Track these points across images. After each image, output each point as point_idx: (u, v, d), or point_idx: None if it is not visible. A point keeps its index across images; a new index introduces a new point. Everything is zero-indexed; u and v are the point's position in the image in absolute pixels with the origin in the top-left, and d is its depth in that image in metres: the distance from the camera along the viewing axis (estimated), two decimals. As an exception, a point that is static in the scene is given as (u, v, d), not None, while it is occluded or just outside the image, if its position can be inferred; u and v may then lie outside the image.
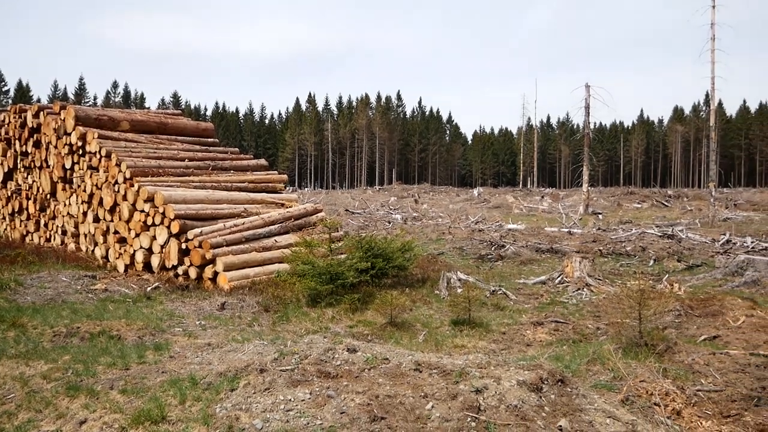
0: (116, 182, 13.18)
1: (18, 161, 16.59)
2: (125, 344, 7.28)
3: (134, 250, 12.74)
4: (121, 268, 12.93)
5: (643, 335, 6.82)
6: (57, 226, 15.26)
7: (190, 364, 6.12)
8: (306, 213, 13.93)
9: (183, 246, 11.84)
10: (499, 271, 13.67)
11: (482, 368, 5.13)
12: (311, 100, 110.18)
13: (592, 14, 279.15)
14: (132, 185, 12.82)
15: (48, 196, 15.59)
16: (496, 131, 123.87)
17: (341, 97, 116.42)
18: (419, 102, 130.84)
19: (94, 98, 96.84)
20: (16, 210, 16.69)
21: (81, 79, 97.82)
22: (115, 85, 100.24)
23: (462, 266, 13.77)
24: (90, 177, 13.87)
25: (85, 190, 14.05)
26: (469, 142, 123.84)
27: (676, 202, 38.43)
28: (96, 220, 13.84)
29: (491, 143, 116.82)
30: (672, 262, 14.35)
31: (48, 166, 15.46)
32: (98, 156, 13.71)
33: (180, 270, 11.87)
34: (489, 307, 9.99)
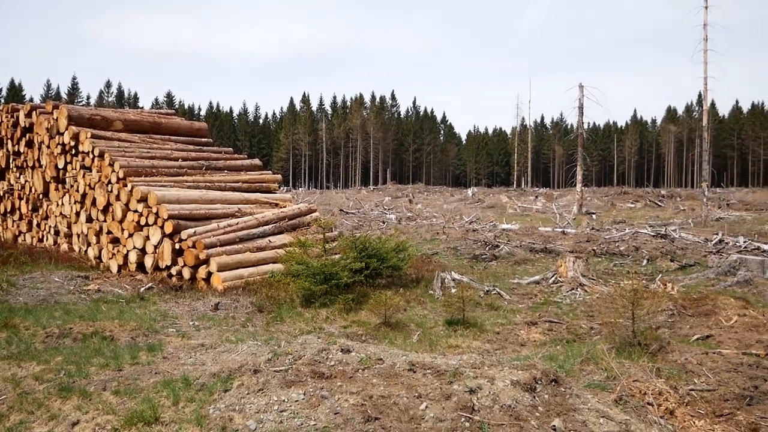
0: (109, 182, 13.12)
1: (10, 161, 16.51)
2: (118, 345, 7.25)
3: (127, 251, 12.70)
4: (114, 269, 12.87)
5: (637, 335, 6.84)
6: (50, 226, 15.19)
7: (183, 364, 6.10)
8: (300, 213, 13.91)
9: (176, 246, 11.80)
10: (494, 271, 13.69)
11: (476, 368, 5.13)
12: (305, 100, 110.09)
13: (586, 15, 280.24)
14: (125, 185, 12.77)
15: (40, 196, 15.51)
16: (491, 131, 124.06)
17: (335, 97, 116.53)
18: (413, 102, 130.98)
19: (87, 98, 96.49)
20: (8, 210, 16.61)
21: (74, 78, 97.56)
22: (109, 85, 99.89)
23: (456, 266, 13.78)
24: (83, 177, 13.81)
25: (78, 190, 13.99)
26: (464, 142, 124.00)
27: (669, 201, 38.57)
28: (89, 220, 13.78)
29: (485, 143, 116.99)
30: (665, 262, 14.40)
31: (40, 166, 15.38)
32: (91, 156, 13.65)
33: (173, 270, 11.83)
34: (483, 307, 10.00)
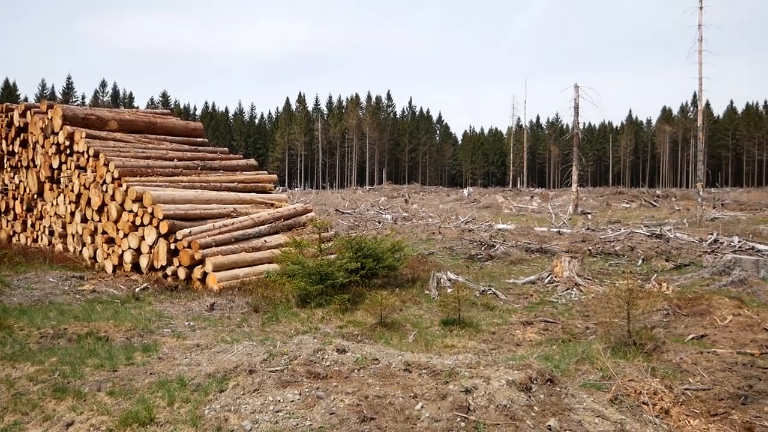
0: (104, 182, 13.08)
1: (4, 161, 16.43)
2: (113, 346, 7.22)
3: (122, 251, 12.66)
4: (109, 269, 12.84)
5: (632, 334, 6.85)
6: (44, 227, 15.14)
7: (178, 365, 6.09)
8: (296, 213, 13.89)
9: (172, 246, 11.77)
10: (489, 271, 13.70)
11: (472, 368, 5.14)
12: (301, 99, 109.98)
13: (581, 15, 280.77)
14: (120, 185, 12.73)
15: (35, 196, 15.45)
16: (486, 131, 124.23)
17: (331, 97, 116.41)
18: (409, 102, 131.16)
19: (82, 98, 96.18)
20: (2, 210, 16.54)
21: (69, 78, 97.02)
22: (104, 85, 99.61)
23: (452, 266, 13.79)
24: (78, 177, 13.77)
25: (72, 190, 13.94)
26: (459, 142, 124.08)
27: (665, 201, 38.69)
28: (84, 220, 13.74)
29: (481, 143, 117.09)
30: (660, 262, 14.44)
31: (35, 166, 15.32)
32: (86, 156, 13.61)
33: (169, 270, 11.80)
34: (479, 307, 10.01)
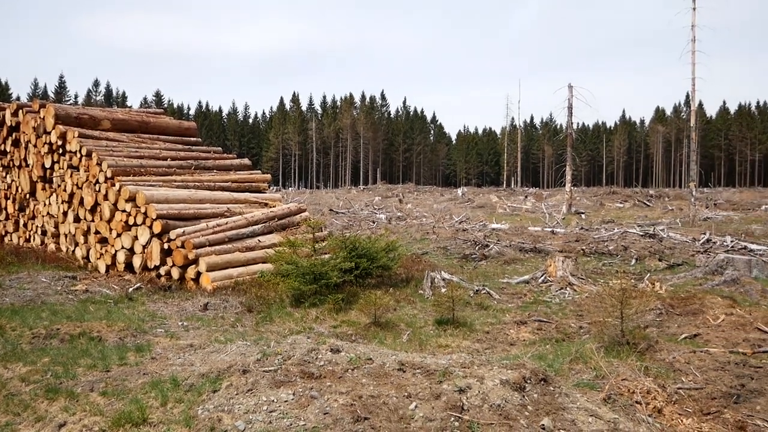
0: (97, 182, 13.02)
1: (-4, 160, 16.34)
2: (106, 346, 7.19)
3: (115, 251, 12.61)
4: (102, 269, 12.78)
5: (625, 334, 6.87)
6: (37, 226, 15.06)
7: (171, 365, 6.07)
8: (290, 213, 13.87)
9: (165, 246, 11.73)
10: (483, 271, 13.71)
11: (466, 368, 5.14)
12: (295, 99, 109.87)
13: (575, 15, 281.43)
14: (113, 185, 12.68)
15: (27, 196, 15.37)
16: (480, 131, 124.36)
17: (325, 97, 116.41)
18: (404, 102, 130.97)
19: (75, 97, 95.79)
20: (-6, 210, 16.44)
21: (61, 77, 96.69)
22: (97, 84, 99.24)
23: (446, 266, 13.80)
24: (70, 176, 13.70)
25: (65, 190, 13.88)
26: (454, 142, 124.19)
27: (658, 201, 38.84)
28: (76, 220, 13.67)
29: (475, 143, 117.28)
30: (653, 261, 14.49)
31: (27, 166, 15.24)
32: (79, 155, 13.54)
33: (162, 270, 11.76)
34: (473, 307, 10.02)
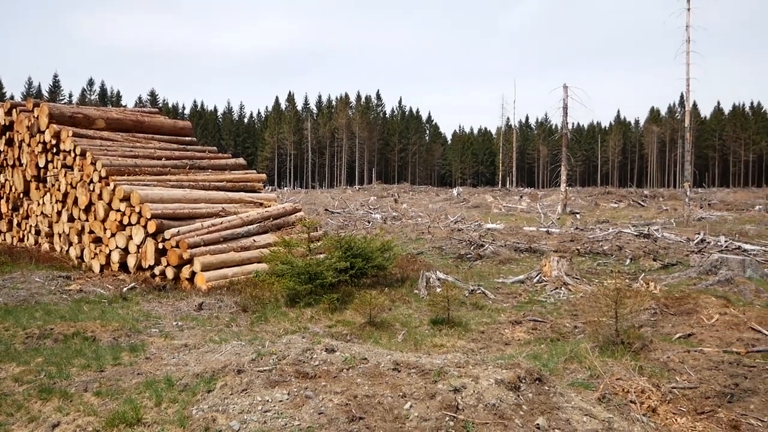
0: (91, 181, 12.98)
1: (-10, 159, 16.26)
2: (100, 346, 7.17)
3: (110, 250, 12.57)
4: (96, 269, 12.74)
5: (620, 333, 6.89)
6: (30, 226, 14.99)
7: (166, 365, 6.05)
8: (285, 212, 13.85)
9: (160, 246, 11.70)
10: (478, 271, 13.73)
11: (461, 367, 5.14)
12: (291, 99, 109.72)
13: (570, 15, 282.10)
14: (107, 184, 12.64)
15: (21, 195, 15.31)
16: (476, 131, 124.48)
17: (321, 97, 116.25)
18: (399, 102, 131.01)
19: (70, 96, 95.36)
20: (-13, 209, 16.36)
21: (56, 76, 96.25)
22: (91, 83, 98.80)
23: (441, 265, 13.81)
24: (64, 176, 13.65)
25: (59, 189, 13.82)
26: (449, 141, 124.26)
27: (652, 201, 38.96)
28: (71, 219, 13.62)
29: (471, 143, 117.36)
30: (648, 261, 14.53)
31: (21, 165, 15.18)
32: (73, 154, 13.49)
33: (157, 270, 11.73)
34: (468, 307, 10.03)
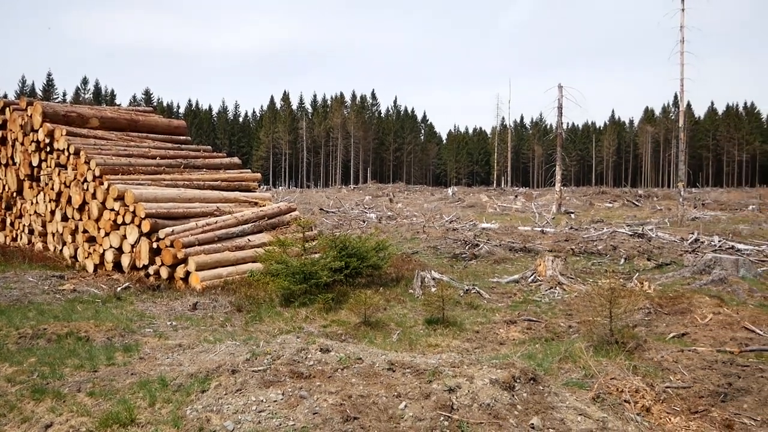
0: (85, 180, 12.92)
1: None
2: (94, 346, 7.13)
3: (104, 250, 12.52)
4: (90, 268, 12.68)
5: (614, 333, 6.90)
6: (24, 225, 14.93)
7: (160, 365, 6.03)
8: (280, 212, 13.83)
9: (154, 245, 11.66)
10: (473, 270, 13.74)
11: (455, 367, 5.14)
12: (286, 98, 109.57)
13: (565, 15, 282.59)
14: (101, 183, 12.59)
15: (14, 194, 15.23)
16: (471, 131, 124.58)
17: (316, 96, 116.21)
18: (394, 101, 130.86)
19: (63, 95, 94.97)
20: (-20, 208, 16.27)
21: (49, 75, 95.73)
22: (85, 82, 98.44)
23: (436, 265, 13.81)
24: (58, 175, 13.59)
25: (53, 188, 13.76)
26: (444, 141, 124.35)
27: (647, 201, 39.08)
28: (64, 218, 13.56)
29: (466, 143, 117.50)
30: (642, 261, 14.57)
31: (14, 164, 15.11)
32: (67, 153, 13.43)
33: (151, 270, 11.69)
34: (463, 306, 10.03)
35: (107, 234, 12.41)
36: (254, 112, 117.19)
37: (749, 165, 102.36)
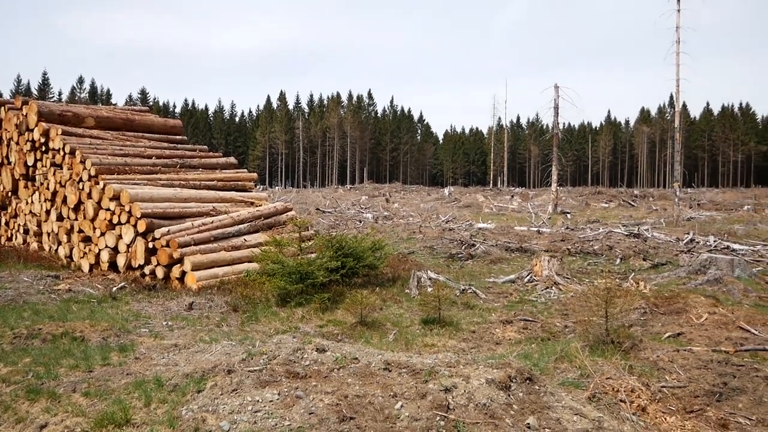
0: (81, 180, 12.89)
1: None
2: (89, 346, 7.11)
3: (99, 250, 12.48)
4: (85, 268, 12.65)
5: (610, 333, 6.91)
6: (19, 225, 14.87)
7: (155, 365, 6.01)
8: (276, 212, 13.81)
9: (150, 245, 11.63)
10: (469, 270, 13.74)
11: (451, 367, 5.14)
12: (282, 98, 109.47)
13: (562, 15, 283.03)
14: (97, 183, 12.55)
15: (9, 194, 15.18)
16: (467, 131, 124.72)
17: (312, 96, 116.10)
18: (391, 101, 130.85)
19: (59, 94, 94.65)
20: (-25, 208, 16.21)
21: (45, 74, 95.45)
22: (81, 81, 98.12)
23: (432, 265, 13.82)
24: (53, 174, 13.55)
25: (48, 188, 13.72)
26: (441, 141, 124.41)
27: (642, 201, 39.16)
28: (60, 218, 13.52)
29: (462, 143, 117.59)
30: (638, 261, 14.60)
31: (9, 163, 15.05)
32: (62, 153, 13.39)
33: (147, 269, 11.66)
34: (459, 306, 10.04)
35: (103, 234, 12.38)
36: (251, 111, 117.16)
37: (744, 165, 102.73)
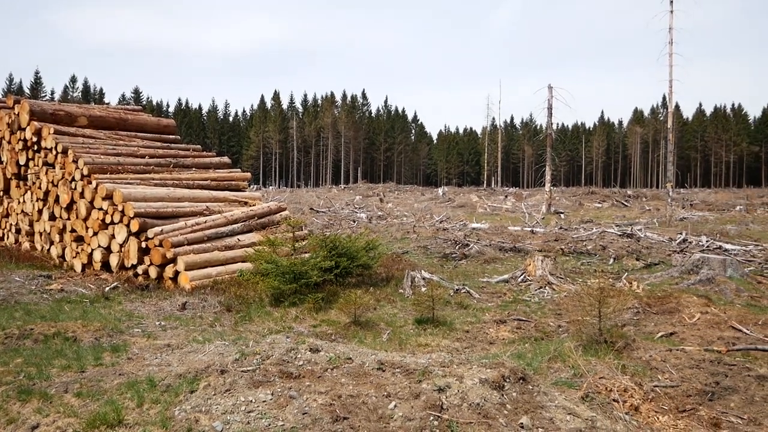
0: (73, 179, 12.82)
1: (-31, 157, 16.01)
2: (81, 346, 7.08)
3: (92, 249, 12.42)
4: (78, 268, 12.59)
5: (603, 332, 6.93)
6: (10, 225, 14.79)
7: (148, 365, 5.99)
8: (270, 211, 13.78)
9: (143, 245, 11.59)
10: (463, 270, 13.76)
11: (445, 367, 5.14)
12: (276, 97, 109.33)
13: (556, 15, 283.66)
14: (90, 182, 12.49)
15: (1, 194, 15.09)
16: (461, 131, 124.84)
17: (306, 95, 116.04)
18: (385, 101, 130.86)
19: (52, 93, 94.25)
20: (-34, 207, 16.11)
21: (37, 72, 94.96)
22: (74, 80, 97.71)
23: (426, 265, 13.82)
24: (46, 174, 13.47)
25: (40, 187, 13.64)
26: (435, 141, 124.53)
27: (635, 202, 39.33)
28: (52, 218, 13.45)
29: (456, 143, 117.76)
30: (631, 261, 14.65)
31: (1, 163, 14.96)
32: (54, 152, 13.32)
33: (140, 269, 11.61)
34: (453, 306, 10.04)
35: (95, 233, 12.32)
36: (244, 111, 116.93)
37: (736, 166, 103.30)
